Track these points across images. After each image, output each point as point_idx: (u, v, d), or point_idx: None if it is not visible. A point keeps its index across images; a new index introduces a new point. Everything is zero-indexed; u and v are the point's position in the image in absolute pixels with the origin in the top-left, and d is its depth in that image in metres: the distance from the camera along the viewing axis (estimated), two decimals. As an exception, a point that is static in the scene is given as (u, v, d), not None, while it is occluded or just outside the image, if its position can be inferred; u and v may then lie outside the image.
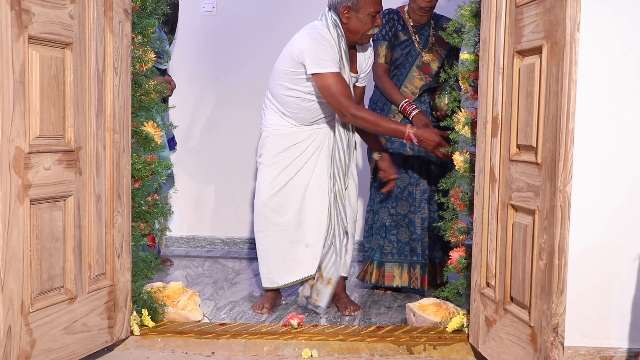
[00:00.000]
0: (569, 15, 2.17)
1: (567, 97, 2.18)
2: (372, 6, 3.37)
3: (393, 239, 3.98)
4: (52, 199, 2.47)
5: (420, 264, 3.95)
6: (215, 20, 5.26)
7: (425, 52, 3.96)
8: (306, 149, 3.57)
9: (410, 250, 3.96)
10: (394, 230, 3.98)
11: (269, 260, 3.62)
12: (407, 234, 3.97)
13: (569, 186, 2.21)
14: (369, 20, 3.38)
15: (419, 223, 3.95)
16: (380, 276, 3.97)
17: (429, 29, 3.99)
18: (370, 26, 3.40)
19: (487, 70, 2.75)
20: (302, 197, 3.59)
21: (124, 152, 2.86)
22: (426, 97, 3.97)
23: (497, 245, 2.66)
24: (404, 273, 3.96)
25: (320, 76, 3.29)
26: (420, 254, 3.95)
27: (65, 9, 2.48)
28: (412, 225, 3.96)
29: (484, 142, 2.77)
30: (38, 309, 2.43)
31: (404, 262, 3.97)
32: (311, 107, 3.48)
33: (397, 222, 3.98)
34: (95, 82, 2.67)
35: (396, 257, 3.98)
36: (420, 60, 3.96)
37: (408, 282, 3.97)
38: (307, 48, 3.32)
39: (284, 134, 3.55)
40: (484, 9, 2.77)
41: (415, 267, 3.96)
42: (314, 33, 3.36)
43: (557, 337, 2.24)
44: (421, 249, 3.95)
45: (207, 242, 5.39)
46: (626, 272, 2.50)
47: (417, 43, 3.95)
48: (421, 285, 3.96)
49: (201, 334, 3.05)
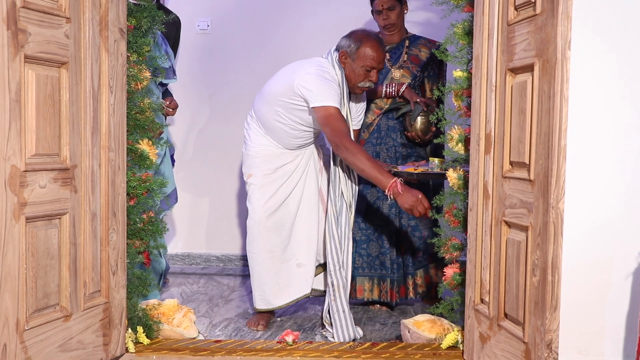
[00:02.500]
0: (560, 33, 2.19)
1: (559, 114, 2.20)
2: (369, 61, 3.40)
3: (363, 252, 4.01)
4: (47, 216, 2.48)
5: (390, 277, 3.98)
6: (210, 38, 5.29)
7: (395, 68, 4.00)
8: (295, 169, 3.62)
9: (380, 264, 3.99)
10: (364, 244, 4.01)
11: (263, 282, 3.62)
12: (377, 248, 4.00)
13: (561, 203, 2.22)
14: (363, 72, 3.42)
15: (387, 237, 3.98)
16: (352, 290, 4.00)
17: (402, 48, 4.06)
18: (362, 79, 3.44)
19: (480, 87, 2.77)
20: (294, 217, 3.63)
21: (119, 169, 2.87)
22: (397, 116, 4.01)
23: (491, 262, 2.67)
24: (374, 287, 4.00)
25: (323, 109, 3.30)
26: (389, 268, 3.98)
27: (61, 29, 2.50)
28: (380, 239, 3.99)
29: (477, 159, 2.79)
30: (33, 327, 2.43)
31: (374, 276, 4.01)
32: (298, 135, 3.52)
33: (367, 236, 4.01)
34: (91, 100, 2.68)
35: (366, 271, 4.01)
36: (389, 77, 4.01)
37: (378, 295, 4.00)
38: (313, 83, 3.33)
39: (271, 155, 3.58)
40: (477, 27, 2.80)
41: (385, 280, 3.99)
42: (321, 70, 3.39)
43: (551, 353, 2.25)
44: (390, 263, 3.98)
45: (202, 259, 5.38)
46: (619, 288, 2.51)
47: (387, 61, 4.00)
48: (390, 299, 3.98)
49: (196, 351, 3.05)
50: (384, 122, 4.02)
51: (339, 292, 3.44)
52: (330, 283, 3.46)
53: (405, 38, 4.07)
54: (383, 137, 4.01)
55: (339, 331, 3.40)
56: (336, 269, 3.44)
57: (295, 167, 3.62)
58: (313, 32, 5.06)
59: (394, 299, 3.99)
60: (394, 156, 3.99)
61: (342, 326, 3.41)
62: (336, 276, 3.44)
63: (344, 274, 3.47)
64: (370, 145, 4.02)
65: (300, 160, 3.62)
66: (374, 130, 4.03)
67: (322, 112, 3.31)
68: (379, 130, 4.02)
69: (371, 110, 4.00)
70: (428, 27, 4.01)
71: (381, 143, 4.02)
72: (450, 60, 3.16)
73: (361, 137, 4.02)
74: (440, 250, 3.20)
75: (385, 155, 3.99)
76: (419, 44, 4.05)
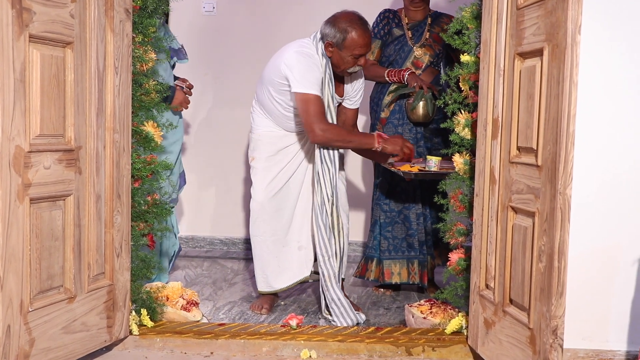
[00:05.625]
0: (571, 17, 2.17)
1: (568, 99, 2.17)
2: (357, 49, 3.37)
3: (388, 235, 3.99)
4: (51, 198, 2.47)
5: (419, 259, 3.96)
6: (216, 20, 5.26)
7: (418, 47, 3.97)
8: (297, 151, 3.61)
9: (408, 245, 3.97)
10: (389, 227, 3.99)
11: (264, 264, 3.62)
12: (403, 230, 3.98)
13: (569, 189, 2.21)
14: (351, 60, 3.40)
15: (414, 218, 3.95)
16: (380, 274, 3.99)
17: (425, 25, 4.00)
18: (351, 65, 3.42)
19: (487, 72, 2.75)
20: (296, 200, 3.63)
21: (124, 151, 2.86)
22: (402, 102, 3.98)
23: (497, 247, 2.66)
24: (402, 269, 3.97)
25: (301, 95, 3.31)
26: (417, 249, 3.96)
27: (66, 8, 2.48)
28: (407, 221, 3.97)
29: (484, 144, 2.77)
30: (37, 308, 2.43)
31: (401, 259, 3.98)
32: (293, 117, 3.51)
33: (392, 218, 3.99)
34: (96, 81, 2.66)
35: (393, 254, 3.99)
36: (412, 56, 3.98)
37: (407, 278, 3.97)
38: (294, 66, 3.34)
39: (275, 137, 3.57)
40: (485, 11, 2.77)
41: (414, 262, 3.97)
42: (303, 52, 3.38)
43: (556, 339, 2.24)
44: (418, 244, 3.95)
45: (206, 242, 5.38)
46: (625, 275, 2.50)
47: (410, 39, 3.97)
48: (420, 280, 3.96)
49: (200, 334, 3.05)
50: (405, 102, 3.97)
51: (330, 281, 3.44)
52: (321, 273, 3.46)
53: (428, 15, 4.03)
54: (404, 117, 3.97)
55: (340, 319, 3.40)
56: (325, 260, 3.44)
57: (298, 149, 3.61)
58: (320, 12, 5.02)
59: (426, 280, 3.97)
60: (415, 137, 3.95)
61: (342, 314, 3.40)
62: (326, 266, 3.44)
63: (334, 264, 3.45)
64: (391, 126, 3.98)
65: (305, 143, 3.61)
66: (393, 110, 3.99)
67: (299, 99, 3.33)
68: (400, 111, 3.98)
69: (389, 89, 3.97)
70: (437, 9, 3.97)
71: (403, 124, 3.98)
72: (458, 44, 3.13)
73: (381, 116, 3.98)
74: (446, 236, 3.18)
75: (407, 136, 3.95)
76: (442, 22, 3.99)
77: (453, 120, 3.13)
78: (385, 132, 3.89)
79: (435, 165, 3.45)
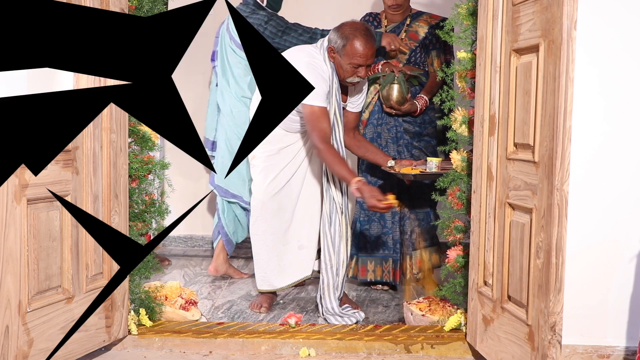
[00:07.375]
0: (566, 13, 2.17)
1: (564, 95, 2.18)
2: (355, 58, 3.32)
3: (366, 233, 4.02)
4: (49, 198, 2.47)
5: (392, 257, 3.99)
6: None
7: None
8: (298, 151, 3.60)
9: (382, 244, 3.99)
10: (367, 225, 4.03)
11: (265, 262, 3.62)
12: (379, 228, 4.00)
13: (566, 184, 2.21)
14: (350, 69, 3.35)
15: (389, 217, 3.98)
16: (357, 270, 4.03)
17: (403, 26, 4.04)
18: (350, 74, 3.38)
19: (484, 68, 2.74)
20: (296, 199, 3.62)
21: (121, 151, 2.86)
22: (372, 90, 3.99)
23: (495, 244, 2.66)
24: (376, 267, 4.01)
25: (309, 107, 3.28)
26: (391, 248, 3.99)
27: (62, 8, 2.47)
28: (382, 219, 3.99)
29: (481, 141, 2.77)
30: (35, 309, 2.43)
31: (376, 256, 4.01)
32: (294, 118, 3.49)
33: (369, 216, 4.02)
34: (92, 81, 2.66)
35: (369, 252, 4.02)
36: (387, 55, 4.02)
37: (381, 275, 4.01)
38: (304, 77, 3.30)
39: (275, 136, 3.54)
40: (481, 7, 2.77)
41: (387, 260, 4.00)
42: (313, 63, 3.35)
43: (554, 335, 2.24)
44: (392, 243, 3.99)
45: (204, 242, 5.38)
46: (623, 271, 2.50)
47: None
48: (393, 278, 3.99)
49: (199, 333, 3.05)
50: None
51: (328, 291, 3.43)
52: (321, 280, 3.47)
53: (408, 16, 4.05)
54: (384, 117, 3.99)
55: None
56: (328, 268, 3.44)
57: (299, 148, 3.59)
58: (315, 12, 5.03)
59: (397, 279, 4.00)
60: (395, 136, 3.96)
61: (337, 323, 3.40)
62: (327, 275, 3.44)
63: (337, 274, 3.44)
64: (371, 127, 4.00)
65: (306, 142, 3.60)
66: (373, 111, 4.01)
67: (307, 110, 3.30)
68: (379, 111, 4.00)
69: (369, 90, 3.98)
70: (432, 8, 3.98)
71: (382, 124, 4.00)
72: (455, 41, 3.13)
73: (362, 117, 4.00)
74: (444, 233, 3.19)
75: (387, 136, 3.97)
76: (420, 20, 4.03)
77: (450, 117, 3.13)
78: (366, 133, 3.96)
79: (436, 166, 3.45)
